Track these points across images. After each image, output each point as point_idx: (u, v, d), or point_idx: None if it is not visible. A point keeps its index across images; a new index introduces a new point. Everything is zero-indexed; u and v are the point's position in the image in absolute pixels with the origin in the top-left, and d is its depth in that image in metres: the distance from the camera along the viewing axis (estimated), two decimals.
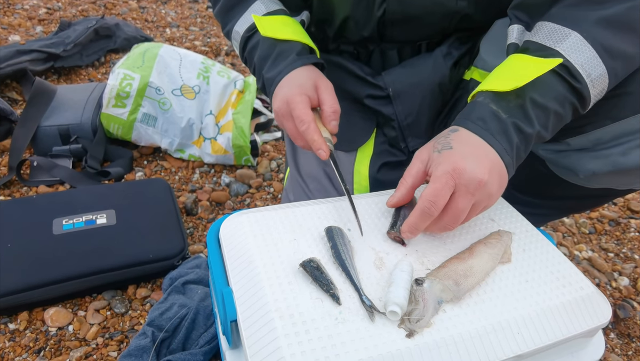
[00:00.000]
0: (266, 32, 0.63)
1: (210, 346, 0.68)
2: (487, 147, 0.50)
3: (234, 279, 0.47)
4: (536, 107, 0.50)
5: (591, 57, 0.49)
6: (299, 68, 0.61)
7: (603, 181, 0.60)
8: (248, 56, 0.68)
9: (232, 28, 0.70)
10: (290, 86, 0.60)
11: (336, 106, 0.60)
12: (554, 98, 0.50)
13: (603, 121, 0.55)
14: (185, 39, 1.87)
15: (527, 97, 0.50)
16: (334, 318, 0.43)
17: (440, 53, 0.67)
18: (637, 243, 1.06)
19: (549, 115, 0.51)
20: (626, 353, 0.81)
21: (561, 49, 0.50)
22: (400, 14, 0.63)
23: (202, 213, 1.02)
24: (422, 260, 0.51)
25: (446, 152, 0.50)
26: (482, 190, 0.48)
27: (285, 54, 0.62)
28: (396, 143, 0.72)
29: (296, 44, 0.64)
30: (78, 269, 0.78)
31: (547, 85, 0.50)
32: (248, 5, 0.68)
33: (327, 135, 0.60)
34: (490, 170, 0.48)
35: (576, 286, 0.51)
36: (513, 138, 0.50)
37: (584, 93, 0.50)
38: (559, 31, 0.51)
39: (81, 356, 0.72)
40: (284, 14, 0.67)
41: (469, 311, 0.46)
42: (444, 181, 0.48)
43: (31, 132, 1.09)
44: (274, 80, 0.62)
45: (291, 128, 0.60)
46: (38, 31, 1.74)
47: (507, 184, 0.52)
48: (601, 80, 0.50)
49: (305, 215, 0.54)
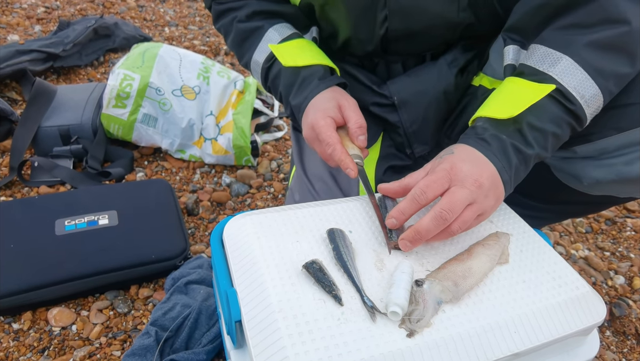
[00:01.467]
0: (287, 62, 0.65)
1: (213, 346, 0.69)
2: (488, 162, 0.51)
3: (238, 280, 0.47)
4: (534, 130, 0.52)
5: (583, 79, 0.52)
6: (322, 92, 0.63)
7: (606, 189, 0.61)
8: (272, 85, 0.70)
9: (249, 59, 0.71)
10: (314, 111, 0.61)
11: (361, 121, 0.61)
12: (551, 120, 0.52)
13: (609, 131, 0.56)
14: (184, 38, 1.87)
15: (524, 122, 0.52)
16: (336, 318, 0.44)
17: (445, 61, 0.68)
18: (632, 242, 1.07)
19: (547, 137, 0.53)
20: (621, 351, 0.82)
21: (554, 73, 0.53)
22: (403, 31, 0.64)
23: (203, 213, 1.03)
24: (422, 261, 0.52)
25: (447, 156, 0.52)
26: (479, 190, 0.49)
27: (309, 79, 0.64)
28: (402, 148, 0.73)
29: (318, 68, 0.65)
30: (81, 269, 0.79)
31: (542, 109, 0.52)
32: (261, 34, 0.69)
33: (355, 151, 0.61)
34: (488, 177, 0.50)
35: (572, 286, 0.52)
36: (512, 159, 0.52)
37: (579, 113, 0.53)
38: (551, 55, 0.53)
39: (85, 355, 0.72)
40: (298, 37, 0.68)
41: (467, 311, 0.47)
42: (440, 175, 0.50)
43: (32, 132, 1.09)
44: (300, 107, 0.64)
45: (321, 152, 0.62)
46: (37, 30, 1.74)
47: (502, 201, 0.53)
48: (595, 99, 0.53)
49: (308, 217, 0.55)
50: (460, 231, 0.50)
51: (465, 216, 0.49)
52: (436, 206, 0.48)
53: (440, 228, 0.48)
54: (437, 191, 0.49)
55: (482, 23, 0.64)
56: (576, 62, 0.52)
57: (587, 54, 0.52)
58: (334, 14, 0.65)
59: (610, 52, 0.51)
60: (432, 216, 0.48)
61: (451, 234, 0.50)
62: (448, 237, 0.51)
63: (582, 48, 0.52)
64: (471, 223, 0.50)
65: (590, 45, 0.51)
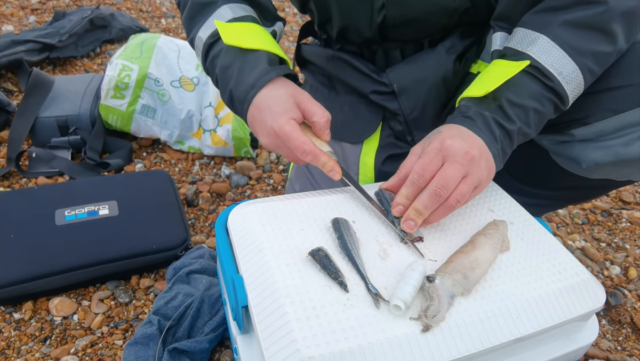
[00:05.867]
0: (229, 40, 0.57)
1: (215, 334, 0.70)
2: (475, 136, 0.53)
3: (244, 267, 0.48)
4: (514, 106, 0.54)
5: (560, 56, 0.54)
6: (271, 86, 0.56)
7: (605, 172, 0.62)
8: (209, 66, 0.63)
9: (195, 35, 0.64)
10: (272, 115, 0.55)
11: (327, 113, 0.57)
12: (530, 96, 0.54)
13: (606, 113, 0.58)
14: (181, 30, 1.85)
15: (503, 98, 0.54)
16: (342, 304, 0.44)
17: (443, 48, 0.69)
18: (628, 233, 1.09)
19: (528, 112, 0.55)
20: (617, 339, 0.84)
21: (531, 52, 0.55)
22: (400, 18, 0.64)
23: (203, 204, 1.03)
24: (424, 251, 0.53)
25: (436, 135, 0.54)
26: (471, 162, 0.50)
27: (253, 64, 0.57)
28: (402, 136, 0.73)
29: (263, 54, 0.58)
30: (81, 259, 0.79)
31: (520, 85, 0.54)
32: (213, 10, 0.62)
33: (326, 148, 0.58)
34: (478, 149, 0.52)
35: (572, 272, 0.53)
36: (496, 132, 0.54)
37: (558, 90, 0.54)
38: (529, 35, 0.56)
39: (87, 344, 0.73)
40: (252, 21, 0.62)
41: (470, 298, 0.48)
42: (432, 155, 0.51)
43: (29, 123, 1.08)
44: (246, 97, 0.57)
45: (290, 156, 0.57)
46: (31, 21, 1.72)
47: (495, 174, 0.55)
48: (574, 76, 0.54)
49: (312, 206, 0.56)
50: (459, 204, 0.51)
51: (462, 189, 0.51)
52: (431, 183, 0.50)
53: (437, 204, 0.50)
54: (432, 171, 0.51)
55: (478, 9, 0.65)
56: (552, 40, 0.54)
57: (562, 32, 0.54)
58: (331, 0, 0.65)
59: (585, 30, 0.53)
60: (427, 194, 0.50)
61: (451, 209, 0.51)
62: (448, 212, 0.52)
63: (557, 27, 0.54)
64: (469, 195, 0.52)
65: (566, 24, 0.54)
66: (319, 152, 0.55)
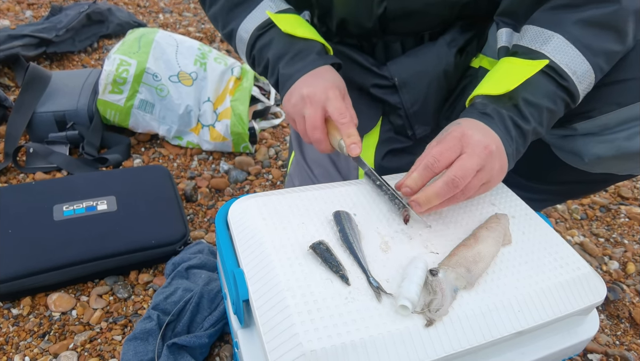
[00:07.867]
0: (286, 28, 0.63)
1: (214, 329, 0.70)
2: (493, 133, 0.52)
3: (245, 261, 0.48)
4: (529, 105, 0.54)
5: (574, 56, 0.53)
6: (320, 67, 0.61)
7: (607, 166, 0.62)
8: (257, 54, 0.67)
9: (236, 27, 0.67)
10: (316, 83, 0.59)
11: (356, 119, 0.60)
12: (545, 96, 0.54)
13: (609, 107, 0.58)
14: (179, 25, 1.84)
15: (520, 97, 0.54)
16: (343, 297, 0.44)
17: (444, 41, 0.68)
18: (626, 228, 1.09)
19: (543, 112, 0.54)
20: (615, 333, 0.84)
21: (546, 51, 0.54)
22: (401, 10, 0.64)
23: (201, 200, 1.03)
24: (426, 244, 0.52)
25: (455, 126, 0.53)
26: (489, 157, 0.50)
27: (306, 52, 0.62)
28: (402, 131, 0.73)
29: (315, 43, 0.63)
30: (80, 255, 0.78)
31: (537, 85, 0.54)
32: (256, 3, 0.66)
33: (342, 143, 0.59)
34: (496, 144, 0.51)
35: (573, 266, 0.53)
36: (512, 131, 0.54)
37: (572, 89, 0.54)
38: (543, 34, 0.55)
39: (86, 340, 0.72)
40: (294, 13, 0.67)
41: (472, 292, 0.47)
42: (451, 143, 0.50)
43: (27, 118, 1.08)
44: (292, 76, 0.61)
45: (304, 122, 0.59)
46: (28, 15, 1.70)
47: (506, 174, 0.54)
48: (587, 76, 0.54)
49: (312, 200, 0.55)
50: (464, 198, 0.51)
51: (472, 183, 0.50)
52: (449, 171, 0.49)
53: (450, 194, 0.49)
54: (450, 159, 0.50)
55: (479, 2, 0.65)
56: (567, 39, 0.53)
57: (577, 31, 0.53)
58: None
59: (599, 29, 0.53)
60: (444, 181, 0.48)
61: (454, 202, 0.51)
62: (452, 203, 0.52)
63: (571, 26, 0.54)
64: (476, 190, 0.51)
65: (580, 23, 0.53)
66: (348, 121, 0.57)
